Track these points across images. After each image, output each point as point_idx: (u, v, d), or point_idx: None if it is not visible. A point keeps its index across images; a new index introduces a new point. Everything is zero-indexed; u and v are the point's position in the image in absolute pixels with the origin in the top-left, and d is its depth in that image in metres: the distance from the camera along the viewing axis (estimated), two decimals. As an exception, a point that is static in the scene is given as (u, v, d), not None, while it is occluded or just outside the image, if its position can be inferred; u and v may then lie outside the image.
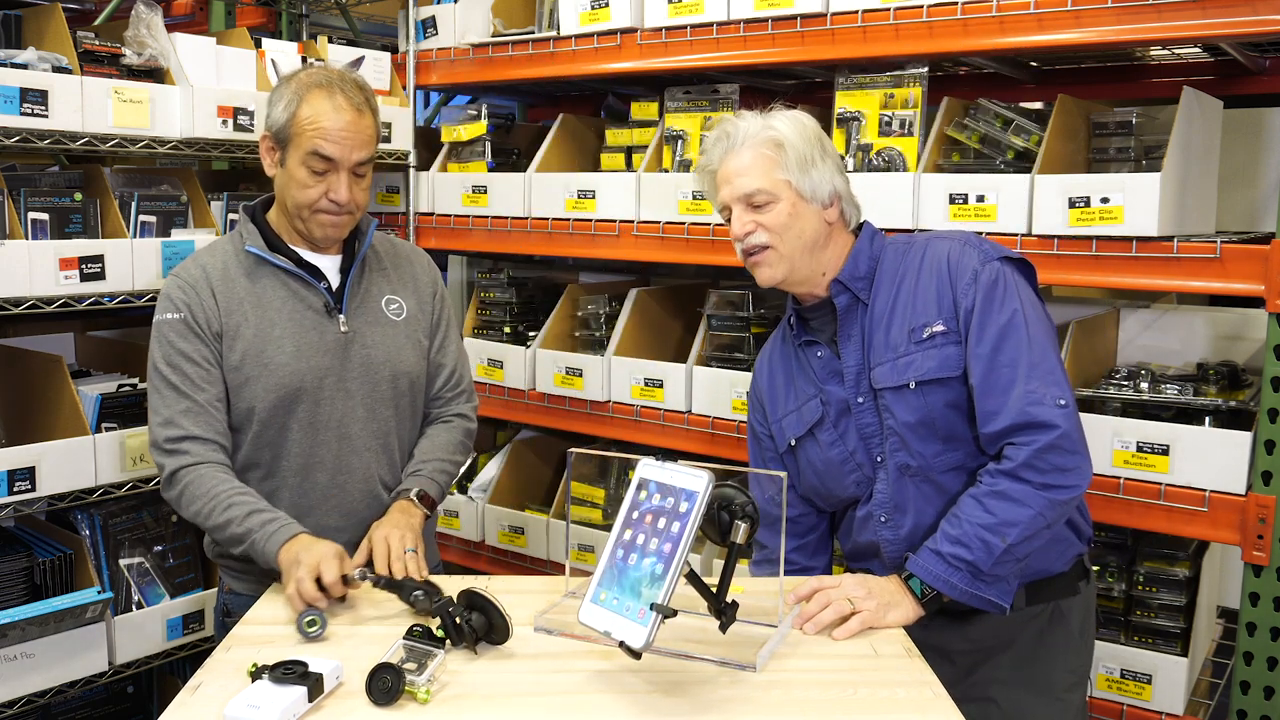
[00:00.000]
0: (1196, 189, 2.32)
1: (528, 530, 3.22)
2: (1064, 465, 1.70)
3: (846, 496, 1.91)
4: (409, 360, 2.09)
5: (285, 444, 2.00)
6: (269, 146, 2.00)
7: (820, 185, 1.83)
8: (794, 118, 1.85)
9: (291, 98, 1.94)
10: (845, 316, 1.87)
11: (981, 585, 1.70)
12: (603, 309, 3.14)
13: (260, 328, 1.98)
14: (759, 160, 1.82)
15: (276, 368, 1.97)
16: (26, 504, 2.32)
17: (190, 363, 1.94)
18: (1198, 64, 2.67)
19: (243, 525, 1.85)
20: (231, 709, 1.36)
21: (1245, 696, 2.11)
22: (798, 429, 1.93)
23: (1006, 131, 2.42)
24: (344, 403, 2.02)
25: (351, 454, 2.03)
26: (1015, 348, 1.73)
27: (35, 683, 2.34)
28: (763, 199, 1.81)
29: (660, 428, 2.85)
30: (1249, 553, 2.06)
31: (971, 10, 2.26)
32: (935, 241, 1.87)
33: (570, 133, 3.18)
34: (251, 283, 2.00)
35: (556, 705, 1.42)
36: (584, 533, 3.06)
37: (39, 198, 2.41)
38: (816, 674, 1.52)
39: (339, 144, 1.92)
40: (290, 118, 1.93)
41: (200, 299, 1.97)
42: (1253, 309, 2.50)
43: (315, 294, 2.02)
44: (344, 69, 2.05)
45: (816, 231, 1.84)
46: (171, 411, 1.93)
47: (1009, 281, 1.78)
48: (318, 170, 1.94)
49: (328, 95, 1.93)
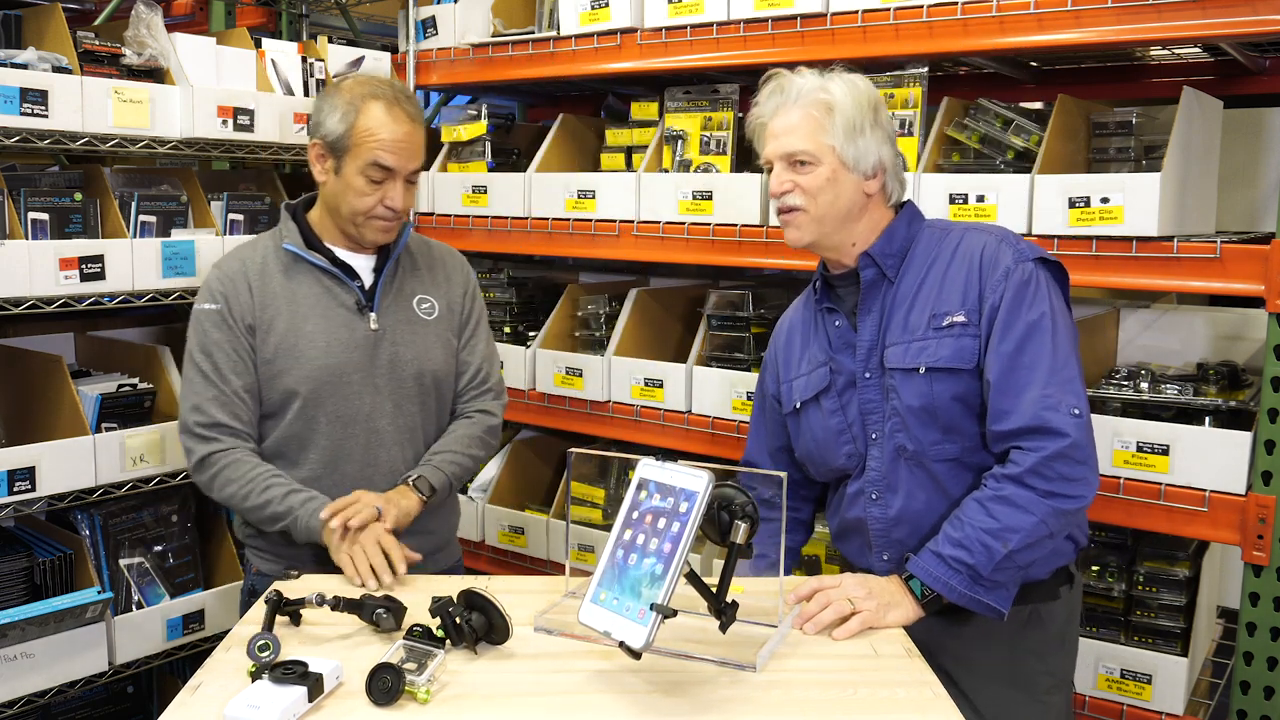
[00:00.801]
0: (1196, 189, 2.32)
1: (528, 530, 3.22)
2: (1071, 475, 1.69)
3: (837, 467, 1.91)
4: (437, 359, 2.16)
5: (314, 435, 2.07)
6: (320, 154, 2.06)
7: (865, 155, 1.82)
8: (850, 82, 1.83)
9: (348, 109, 2.01)
10: (868, 291, 1.87)
11: (980, 590, 1.70)
12: (603, 309, 3.14)
13: (293, 322, 2.05)
14: (806, 121, 1.81)
15: (307, 361, 2.04)
16: (26, 504, 2.32)
17: (222, 352, 2.03)
18: (1198, 64, 2.67)
19: (283, 504, 1.96)
20: (231, 709, 1.36)
21: (1245, 696, 2.11)
22: (804, 393, 1.94)
23: (1006, 131, 2.42)
24: (372, 397, 2.09)
25: (379, 447, 2.10)
26: (1038, 350, 1.72)
27: (35, 683, 2.34)
28: (804, 159, 1.80)
29: (660, 428, 2.85)
30: (1249, 553, 2.06)
31: (971, 10, 2.26)
32: (972, 232, 1.85)
33: (570, 133, 3.18)
34: (287, 279, 2.08)
35: (556, 705, 1.42)
36: (584, 533, 3.06)
37: (39, 198, 2.41)
38: (816, 674, 1.52)
39: (398, 154, 2.01)
40: (349, 129, 2.01)
41: (237, 292, 2.05)
42: (1253, 309, 2.50)
43: (348, 292, 2.09)
44: (388, 77, 2.11)
45: (852, 201, 1.83)
46: (201, 398, 2.02)
47: (1041, 283, 1.77)
48: (375, 179, 2.01)
49: (387, 108, 2.01)
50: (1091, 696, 2.31)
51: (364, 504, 1.94)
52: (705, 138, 2.80)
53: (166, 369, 2.67)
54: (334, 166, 2.04)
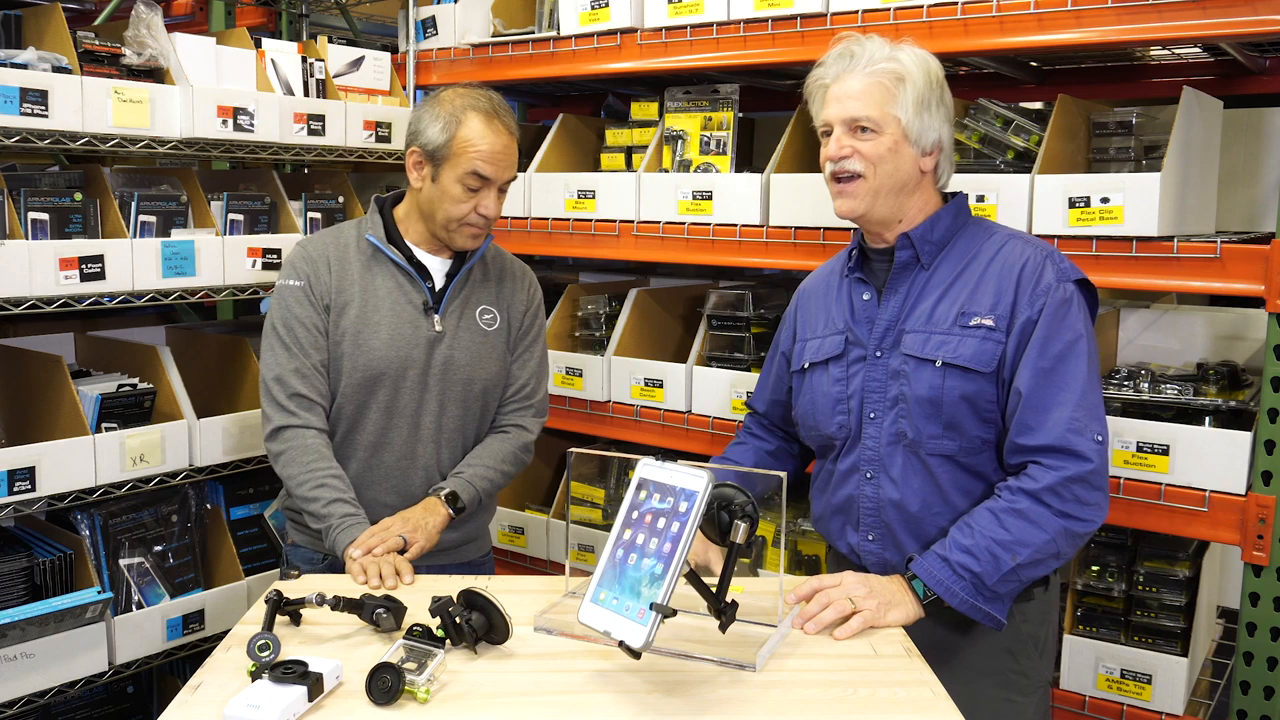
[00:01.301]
0: (1196, 189, 2.32)
1: (528, 530, 3.22)
2: (1086, 499, 1.71)
3: (827, 434, 1.93)
4: (490, 370, 2.23)
5: (363, 421, 2.15)
6: (418, 160, 2.14)
7: (928, 131, 1.82)
8: (922, 56, 1.84)
9: (449, 119, 2.09)
10: (899, 271, 1.87)
11: (982, 599, 1.70)
12: (603, 309, 3.14)
13: (363, 311, 2.14)
14: (875, 88, 1.80)
15: (369, 350, 2.13)
16: (26, 504, 2.32)
17: (303, 327, 2.12)
18: (1198, 64, 2.67)
19: (326, 509, 2.03)
20: (231, 709, 1.36)
21: (1245, 696, 2.11)
22: (815, 356, 1.96)
23: (1006, 131, 2.42)
24: (422, 395, 2.17)
25: (419, 443, 2.18)
26: (1072, 372, 1.74)
27: (35, 683, 2.34)
28: (869, 126, 1.80)
29: (660, 428, 2.85)
30: (1249, 553, 2.06)
31: (971, 10, 2.26)
32: (1016, 241, 1.86)
33: (570, 133, 3.18)
34: (365, 268, 2.17)
35: (556, 705, 1.42)
36: (584, 533, 3.06)
37: (39, 198, 2.41)
38: (816, 674, 1.52)
39: (495, 165, 2.10)
40: (450, 139, 2.09)
41: (318, 272, 2.15)
42: (1253, 309, 2.50)
43: (418, 291, 2.18)
44: (485, 91, 2.17)
45: (909, 176, 1.83)
46: (282, 369, 2.11)
47: (1079, 306, 1.79)
48: (473, 187, 2.10)
49: (487, 120, 2.10)
50: (1091, 696, 2.31)
51: (392, 534, 1.98)
52: (705, 138, 2.81)
53: (166, 369, 2.66)
54: (431, 174, 2.12)
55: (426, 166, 2.12)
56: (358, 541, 1.95)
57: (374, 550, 1.92)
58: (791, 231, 2.57)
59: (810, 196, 2.53)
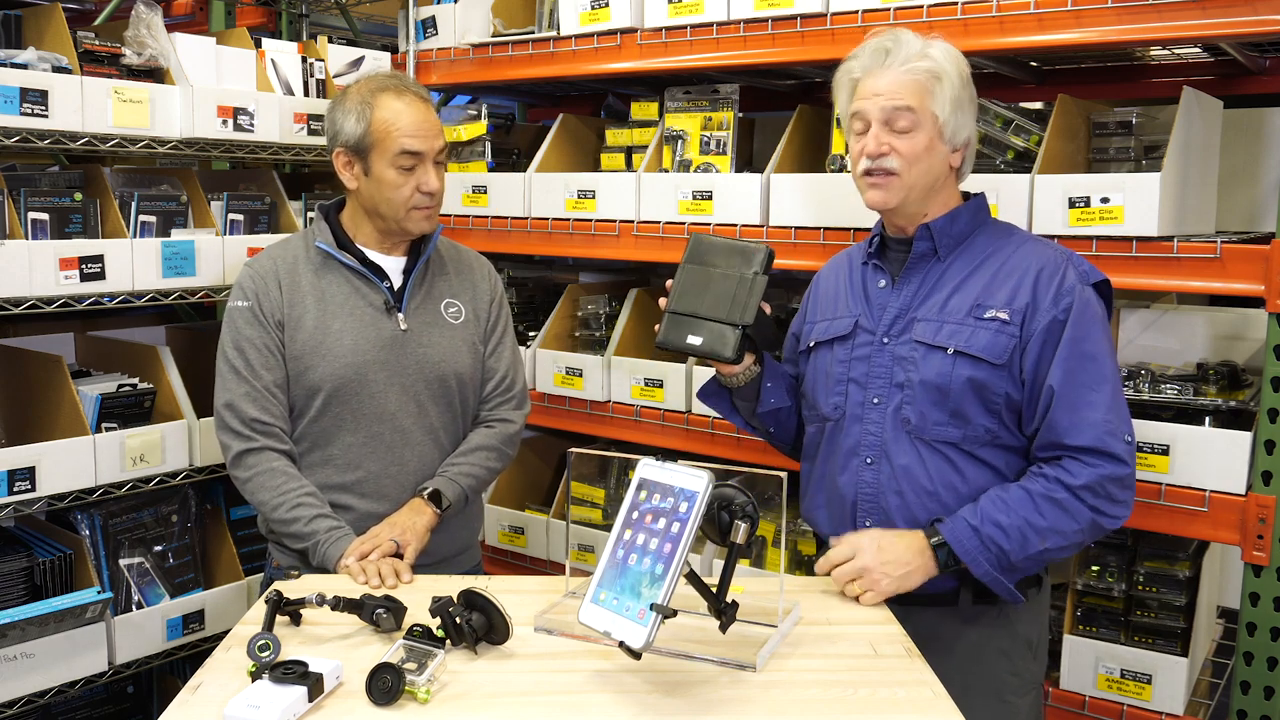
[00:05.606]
0: (1196, 189, 2.32)
1: (528, 530, 3.22)
2: (1118, 498, 1.76)
3: (820, 412, 1.95)
4: (463, 362, 2.18)
5: (340, 432, 2.11)
6: (346, 161, 2.10)
7: (960, 129, 1.84)
8: (955, 55, 1.85)
9: (361, 108, 2.05)
10: (915, 261, 1.89)
11: (1004, 574, 1.75)
12: (603, 309, 3.14)
13: (321, 320, 2.09)
14: (913, 85, 1.81)
15: (334, 358, 2.08)
16: (26, 504, 2.32)
17: (254, 348, 2.07)
18: (1198, 64, 2.66)
19: (309, 526, 2.00)
20: (231, 709, 1.36)
21: (1245, 696, 2.12)
22: (822, 335, 1.98)
23: (1006, 131, 2.42)
24: (398, 397, 2.12)
25: (405, 446, 2.13)
26: (1100, 373, 1.77)
27: (35, 683, 2.34)
28: (906, 124, 1.80)
29: (660, 428, 2.85)
30: (1249, 553, 2.06)
31: (971, 10, 2.26)
32: (1035, 244, 1.88)
33: (570, 133, 3.18)
34: (317, 277, 2.12)
35: (556, 705, 1.42)
36: (584, 533, 3.06)
37: (39, 198, 2.41)
38: (816, 674, 1.52)
39: (421, 136, 2.05)
40: (368, 126, 2.04)
41: (267, 289, 2.10)
42: (1253, 309, 2.50)
43: (376, 292, 2.13)
44: (386, 70, 2.13)
45: (939, 172, 1.86)
46: (233, 394, 2.07)
47: (1100, 310, 1.82)
48: (406, 167, 2.05)
49: (398, 96, 2.06)
50: (1091, 696, 2.31)
51: (383, 540, 1.96)
52: (705, 138, 2.81)
53: (166, 369, 2.66)
54: (363, 169, 2.09)
55: (356, 164, 2.08)
56: (349, 551, 1.94)
57: (369, 557, 1.91)
58: (791, 231, 2.57)
59: (810, 196, 2.53)
